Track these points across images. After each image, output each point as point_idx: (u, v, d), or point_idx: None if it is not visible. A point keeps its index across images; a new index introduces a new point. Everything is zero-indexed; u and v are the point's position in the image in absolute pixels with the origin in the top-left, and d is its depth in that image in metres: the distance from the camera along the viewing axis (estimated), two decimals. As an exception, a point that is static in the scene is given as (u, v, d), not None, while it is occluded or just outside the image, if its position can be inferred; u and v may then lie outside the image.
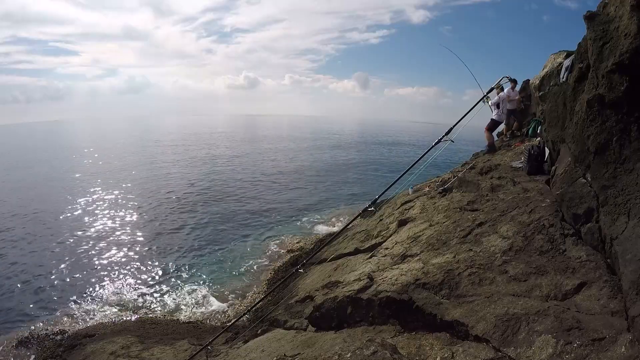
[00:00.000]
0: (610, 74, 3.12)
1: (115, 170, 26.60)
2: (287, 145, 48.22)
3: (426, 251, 4.49)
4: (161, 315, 7.93)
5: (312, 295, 5.10)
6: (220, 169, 26.46)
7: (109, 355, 5.75)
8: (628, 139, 3.04)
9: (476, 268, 3.57)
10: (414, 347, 3.02)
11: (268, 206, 16.32)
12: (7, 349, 6.68)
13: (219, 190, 19.46)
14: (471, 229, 4.46)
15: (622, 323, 2.38)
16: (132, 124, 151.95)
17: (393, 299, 3.61)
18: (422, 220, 5.71)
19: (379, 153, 40.66)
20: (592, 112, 3.32)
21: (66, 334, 6.98)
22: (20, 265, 10.40)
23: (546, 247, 3.54)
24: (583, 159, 3.59)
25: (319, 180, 22.61)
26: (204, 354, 5.03)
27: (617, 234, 2.91)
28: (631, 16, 2.95)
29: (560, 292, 2.94)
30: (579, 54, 4.30)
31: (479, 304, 3.04)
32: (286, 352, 3.81)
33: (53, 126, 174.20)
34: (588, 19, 3.52)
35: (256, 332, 5.41)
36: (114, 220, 14.52)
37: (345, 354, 2.53)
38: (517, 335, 2.56)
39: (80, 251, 11.40)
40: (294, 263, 9.15)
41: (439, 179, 8.58)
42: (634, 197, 2.89)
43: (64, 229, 13.60)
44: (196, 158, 33.19)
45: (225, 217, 14.67)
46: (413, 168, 4.13)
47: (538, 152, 6.09)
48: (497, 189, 5.67)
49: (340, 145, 49.69)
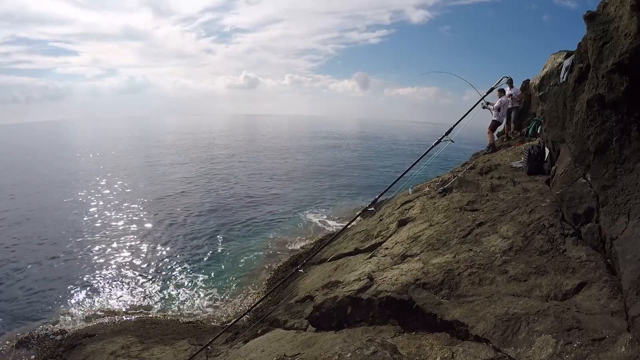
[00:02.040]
0: (610, 74, 3.12)
1: (115, 171, 26.60)
2: (287, 145, 48.22)
3: (426, 251, 4.49)
4: (161, 315, 7.93)
5: (312, 295, 5.10)
6: (220, 169, 26.44)
7: (109, 355, 5.75)
8: (628, 139, 3.04)
9: (476, 268, 3.57)
10: (414, 347, 3.02)
11: (268, 206, 16.31)
12: (7, 349, 6.68)
13: (219, 191, 19.46)
14: (471, 229, 4.46)
15: (622, 323, 2.38)
16: (132, 124, 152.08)
17: (393, 299, 3.61)
18: (422, 220, 5.71)
19: (379, 153, 40.67)
20: (592, 112, 3.32)
21: (66, 334, 6.98)
22: (20, 265, 10.39)
23: (546, 247, 3.54)
24: (583, 159, 3.59)
25: (319, 180, 22.60)
26: (204, 354, 5.03)
27: (617, 234, 2.90)
28: (631, 16, 2.94)
29: (560, 292, 2.94)
30: (579, 54, 4.30)
31: (479, 304, 3.04)
32: (286, 352, 3.81)
33: (53, 126, 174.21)
34: (588, 19, 3.51)
35: (256, 332, 5.41)
36: (114, 221, 14.51)
37: (345, 354, 2.53)
38: (517, 335, 2.56)
39: (81, 251, 11.39)
40: (294, 263, 9.16)
41: (439, 179, 8.59)
42: (634, 197, 2.89)
43: (64, 229, 13.59)
44: (196, 158, 33.19)
45: (225, 217, 14.66)
46: (413, 168, 4.13)
47: (538, 152, 6.09)
48: (497, 189, 5.67)
49: (340, 145, 49.68)
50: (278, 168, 27.33)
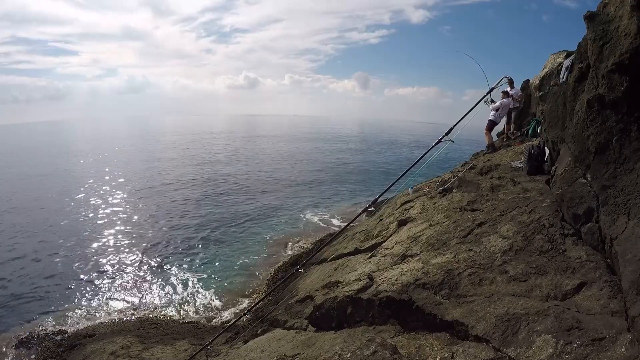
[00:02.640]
0: (610, 74, 3.12)
1: (114, 171, 26.60)
2: (286, 145, 48.22)
3: (426, 251, 4.49)
4: (161, 315, 7.93)
5: (312, 295, 5.10)
6: (220, 169, 26.45)
7: (109, 355, 5.75)
8: (628, 139, 3.04)
9: (476, 268, 3.57)
10: (414, 347, 3.02)
11: (268, 206, 16.32)
12: (7, 349, 6.68)
13: (218, 191, 19.47)
14: (471, 229, 4.46)
15: (622, 323, 2.38)
16: (132, 124, 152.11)
17: (393, 299, 3.61)
18: (422, 220, 5.71)
19: (379, 153, 40.67)
20: (592, 112, 3.32)
21: (66, 334, 6.98)
22: (20, 265, 10.40)
23: (546, 247, 3.54)
24: (583, 159, 3.58)
25: (319, 180, 22.61)
26: (204, 354, 5.03)
27: (617, 234, 2.90)
28: (631, 16, 2.94)
29: (560, 292, 2.94)
30: (579, 54, 4.30)
31: (479, 304, 3.04)
32: (286, 352, 3.81)
33: (53, 126, 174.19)
34: (588, 19, 3.51)
35: (256, 332, 5.41)
36: (114, 221, 14.52)
37: (345, 354, 2.53)
38: (517, 335, 2.56)
39: (81, 251, 11.41)
40: (294, 263, 9.15)
41: (439, 179, 8.58)
42: (634, 197, 2.89)
43: (64, 229, 13.61)
44: (195, 158, 33.20)
45: (224, 217, 14.67)
46: (413, 168, 4.13)
47: (538, 152, 6.08)
48: (497, 189, 5.67)
49: (340, 145, 49.70)
50: (278, 168, 27.34)
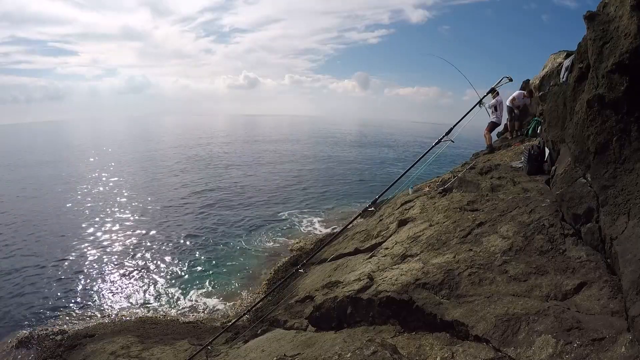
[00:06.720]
0: (610, 74, 3.12)
1: (114, 171, 26.61)
2: (286, 145, 48.21)
3: (426, 251, 4.49)
4: (161, 315, 7.93)
5: (312, 295, 5.10)
6: (220, 170, 26.46)
7: (109, 355, 5.75)
8: (628, 139, 3.04)
9: (476, 268, 3.57)
10: (414, 347, 3.02)
11: (268, 206, 16.32)
12: (7, 349, 6.68)
13: (218, 191, 19.47)
14: (471, 229, 4.46)
15: (622, 323, 2.37)
16: (133, 124, 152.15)
17: (393, 299, 3.60)
18: (422, 220, 5.71)
19: (379, 153, 40.66)
20: (592, 112, 3.32)
21: (66, 334, 6.98)
22: (20, 265, 10.40)
23: (546, 247, 3.54)
24: (583, 159, 3.59)
25: (319, 180, 22.60)
26: (204, 354, 5.04)
27: (617, 234, 2.90)
28: (631, 16, 2.94)
29: (560, 292, 2.94)
30: (579, 54, 4.30)
31: (479, 304, 3.04)
32: (286, 352, 3.81)
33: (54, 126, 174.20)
34: (588, 19, 3.51)
35: (256, 332, 5.41)
36: (114, 221, 14.52)
37: (345, 354, 2.53)
38: (517, 335, 2.56)
39: (81, 251, 11.40)
40: (294, 263, 9.15)
41: (439, 179, 8.59)
42: (634, 197, 2.89)
43: (64, 229, 13.60)
44: (196, 158, 33.19)
45: (224, 217, 14.67)
46: (413, 168, 4.13)
47: (538, 152, 6.09)
48: (497, 189, 5.67)
49: (339, 145, 49.70)
50: (278, 168, 27.33)
